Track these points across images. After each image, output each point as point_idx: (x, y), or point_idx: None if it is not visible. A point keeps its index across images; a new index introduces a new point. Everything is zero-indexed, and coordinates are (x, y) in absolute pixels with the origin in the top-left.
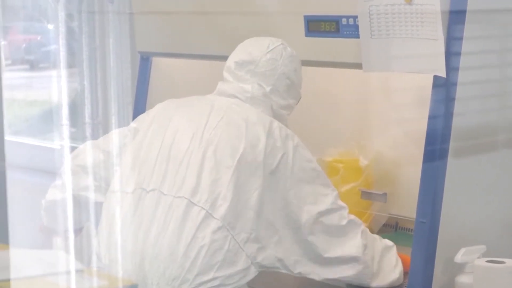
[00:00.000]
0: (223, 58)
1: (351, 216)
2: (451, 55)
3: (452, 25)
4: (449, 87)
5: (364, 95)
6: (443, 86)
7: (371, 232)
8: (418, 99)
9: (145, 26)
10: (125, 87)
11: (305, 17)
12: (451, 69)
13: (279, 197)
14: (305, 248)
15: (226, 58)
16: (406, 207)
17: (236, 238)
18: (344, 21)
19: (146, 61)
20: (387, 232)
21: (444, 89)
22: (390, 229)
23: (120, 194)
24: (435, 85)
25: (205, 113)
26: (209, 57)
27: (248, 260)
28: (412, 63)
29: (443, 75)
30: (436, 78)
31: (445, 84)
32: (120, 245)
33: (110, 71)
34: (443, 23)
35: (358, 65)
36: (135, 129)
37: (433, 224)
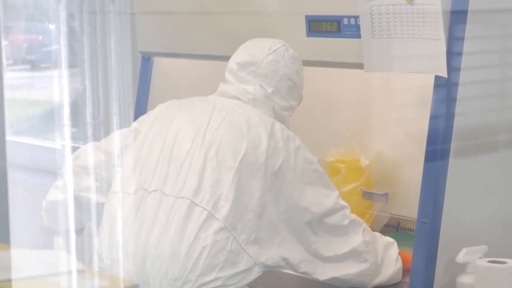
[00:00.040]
0: (224, 58)
1: (352, 216)
2: (452, 55)
3: (454, 25)
4: (450, 87)
5: (365, 95)
6: (444, 86)
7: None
8: (419, 99)
9: (146, 26)
10: (126, 87)
11: (306, 17)
12: (452, 69)
13: (282, 199)
14: (308, 248)
15: (227, 58)
16: (408, 207)
17: (237, 239)
18: (345, 21)
19: (147, 61)
20: (388, 232)
21: (445, 89)
22: (392, 229)
23: (122, 194)
24: (436, 85)
25: (207, 114)
26: (210, 57)
27: (251, 261)
28: (413, 63)
29: (444, 75)
30: (437, 78)
31: (446, 84)
32: (122, 245)
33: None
34: (444, 23)
35: (359, 65)
36: (136, 130)
37: (434, 224)
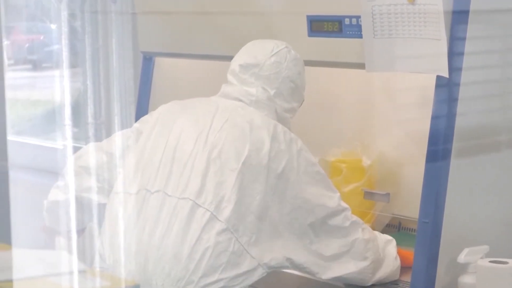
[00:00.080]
0: (226, 58)
1: (353, 217)
2: (454, 55)
3: (455, 25)
4: (451, 87)
5: (366, 95)
6: (445, 86)
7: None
8: (420, 99)
9: (148, 26)
10: (127, 87)
11: (307, 17)
12: (453, 69)
13: (285, 201)
14: (310, 248)
15: (229, 58)
16: (409, 207)
17: (240, 240)
18: (347, 21)
19: (148, 61)
20: (390, 232)
21: (446, 89)
22: (393, 229)
23: (124, 195)
24: (438, 85)
25: (209, 115)
26: (212, 57)
27: (254, 262)
28: (415, 63)
29: (446, 75)
30: (438, 78)
31: (448, 84)
32: (124, 246)
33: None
34: (446, 23)
35: (361, 65)
36: (138, 130)
37: (436, 224)
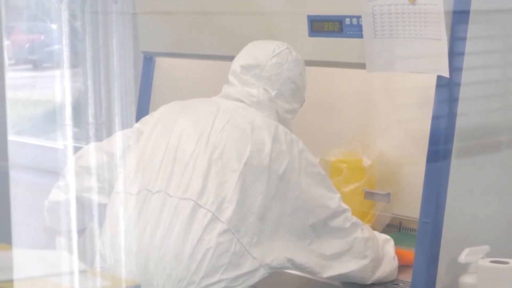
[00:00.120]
0: (226, 58)
1: (354, 218)
2: (455, 55)
3: (456, 25)
4: (452, 87)
5: (367, 95)
6: (446, 86)
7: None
8: (421, 99)
9: (148, 26)
10: (128, 87)
11: (308, 17)
12: (454, 69)
13: (287, 202)
14: (311, 249)
15: (229, 58)
16: (410, 207)
17: (241, 241)
18: (347, 21)
19: (149, 61)
20: (390, 232)
21: (447, 89)
22: (394, 229)
23: (125, 195)
24: (439, 85)
25: (211, 115)
26: (212, 57)
27: (256, 262)
28: (416, 63)
29: (446, 75)
30: (439, 78)
31: (449, 84)
32: (125, 246)
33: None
34: (446, 23)
35: (361, 65)
36: (139, 130)
37: (436, 224)
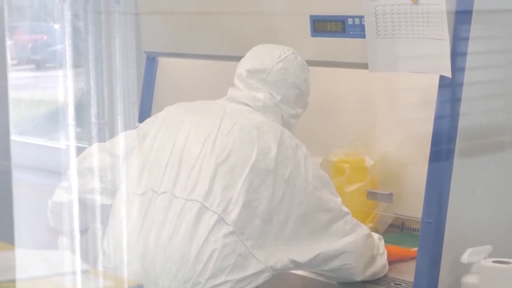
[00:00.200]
0: (229, 58)
1: (353, 220)
2: (457, 55)
3: (458, 25)
4: (455, 87)
5: (370, 95)
6: (449, 86)
7: (377, 233)
8: (423, 99)
9: (151, 26)
10: (131, 87)
11: (311, 17)
12: (457, 69)
13: (292, 206)
14: (313, 250)
15: (232, 59)
16: (412, 207)
17: (245, 243)
18: (350, 21)
19: (152, 61)
20: (393, 232)
21: (449, 89)
22: (396, 229)
23: (130, 196)
24: (441, 85)
25: (217, 118)
26: (215, 57)
27: (260, 265)
28: (418, 63)
29: (449, 75)
30: (442, 78)
31: (451, 84)
32: (130, 246)
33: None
34: (449, 23)
35: (364, 65)
36: (144, 131)
37: (439, 224)
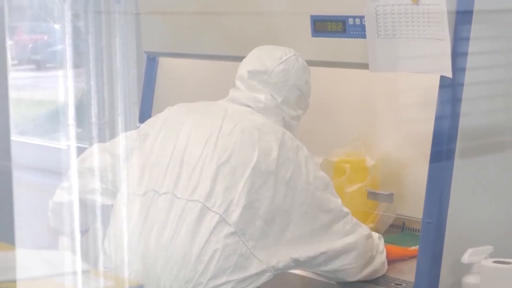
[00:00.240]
0: (229, 58)
1: (353, 220)
2: (458, 55)
3: (459, 25)
4: (455, 87)
5: (370, 95)
6: (449, 87)
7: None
8: (424, 99)
9: (152, 26)
10: (131, 87)
11: (311, 17)
12: (457, 69)
13: (294, 208)
14: (314, 250)
15: (233, 59)
16: (413, 207)
17: (246, 244)
18: (350, 21)
19: (152, 61)
20: (393, 232)
21: (450, 90)
22: (397, 229)
23: (131, 196)
24: (442, 86)
25: (218, 119)
26: (215, 57)
27: (262, 265)
28: (419, 63)
29: (449, 75)
30: (442, 78)
31: (452, 84)
32: (131, 247)
33: (116, 71)
34: (449, 23)
35: (364, 65)
36: (144, 132)
37: (439, 225)
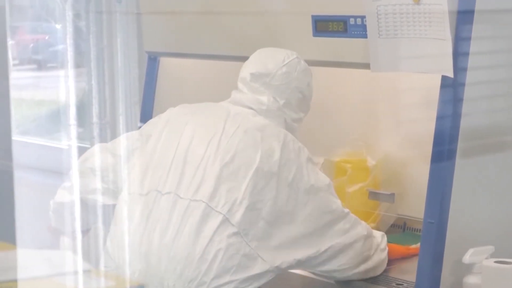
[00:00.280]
0: (231, 58)
1: (352, 218)
2: (459, 55)
3: (460, 25)
4: (457, 87)
5: (371, 95)
6: (450, 87)
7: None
8: (425, 99)
9: (153, 26)
10: (132, 87)
11: (312, 17)
12: (459, 69)
13: (297, 209)
14: (315, 250)
15: (234, 58)
16: (414, 207)
17: (250, 244)
18: (352, 21)
19: (153, 61)
20: (395, 232)
21: (451, 90)
22: (398, 229)
23: (134, 196)
24: (443, 86)
25: (221, 120)
26: (217, 57)
27: (266, 265)
28: (420, 63)
29: (451, 75)
30: (444, 78)
31: (453, 84)
32: (134, 246)
33: (117, 71)
34: (451, 23)
35: (366, 65)
36: (147, 132)
37: (441, 225)
